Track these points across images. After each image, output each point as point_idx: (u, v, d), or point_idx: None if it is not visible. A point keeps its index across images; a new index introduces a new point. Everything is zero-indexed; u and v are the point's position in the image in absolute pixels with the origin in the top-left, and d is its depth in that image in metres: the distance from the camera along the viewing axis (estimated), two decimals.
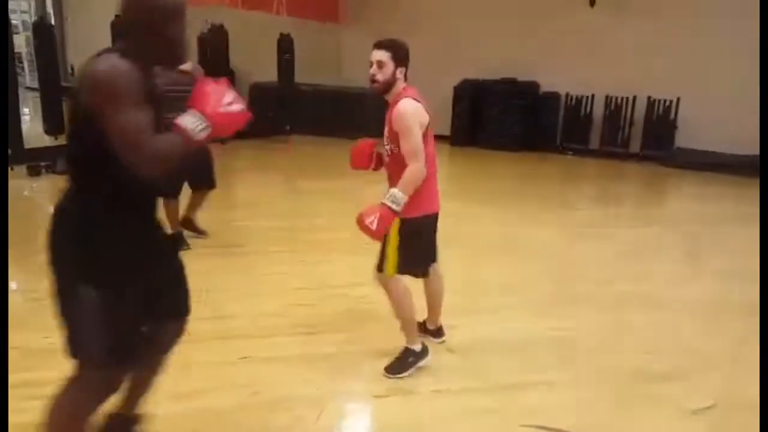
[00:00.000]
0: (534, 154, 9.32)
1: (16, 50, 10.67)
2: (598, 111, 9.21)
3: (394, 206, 2.35)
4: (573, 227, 5.51)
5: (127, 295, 1.66)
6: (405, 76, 2.51)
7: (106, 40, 8.60)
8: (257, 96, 10.62)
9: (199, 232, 4.54)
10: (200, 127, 1.57)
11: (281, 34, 9.04)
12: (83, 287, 1.60)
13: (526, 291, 3.82)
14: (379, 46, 2.48)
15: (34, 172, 6.74)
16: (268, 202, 6.18)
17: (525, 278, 4.06)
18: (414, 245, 2.54)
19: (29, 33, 10.90)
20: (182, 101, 1.97)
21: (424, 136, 2.46)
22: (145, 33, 1.60)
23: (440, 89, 9.90)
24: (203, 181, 4.31)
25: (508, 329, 3.25)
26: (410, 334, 2.70)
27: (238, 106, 1.64)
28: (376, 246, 2.56)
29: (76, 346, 1.67)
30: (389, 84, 2.48)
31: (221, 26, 8.36)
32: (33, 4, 16.00)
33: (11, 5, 15.96)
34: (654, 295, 3.79)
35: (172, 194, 4.16)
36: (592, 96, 9.17)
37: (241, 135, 2.04)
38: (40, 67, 7.37)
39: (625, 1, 8.82)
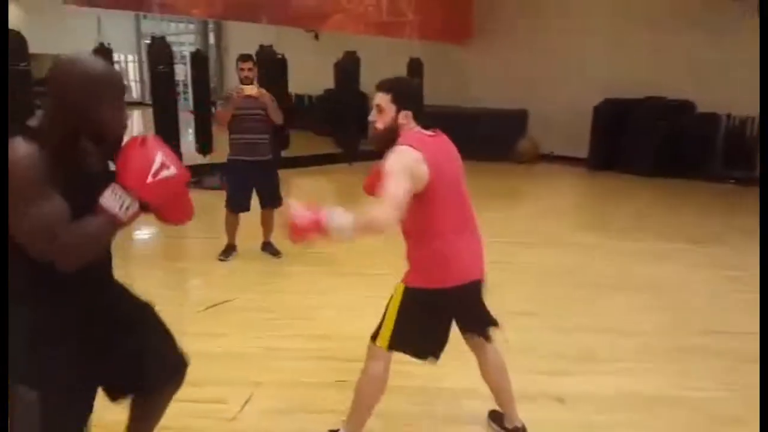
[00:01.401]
0: (686, 183, 8.34)
1: (179, 78, 12.21)
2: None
3: (329, 223, 1.81)
4: (720, 268, 4.77)
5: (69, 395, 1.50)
6: (416, 118, 2.04)
7: None
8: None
9: (275, 254, 4.64)
10: (126, 203, 1.41)
11: (411, 58, 9.17)
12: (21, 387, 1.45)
13: (641, 336, 3.37)
14: (378, 87, 2.06)
15: None
16: None
17: (641, 324, 3.57)
18: (416, 321, 2.06)
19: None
20: (250, 122, 3.02)
21: (429, 191, 1.94)
22: (71, 112, 1.39)
23: (578, 110, 9.35)
24: (270, 199, 4.47)
25: (626, 383, 2.84)
26: (351, 423, 2.20)
27: (169, 171, 1.45)
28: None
29: None
30: (391, 131, 2.01)
31: (354, 53, 8.68)
32: (197, 37, 18.06)
33: (179, 38, 18.18)
34: None
35: (236, 209, 4.47)
36: (759, 117, 8.03)
37: (367, 156, 2.17)
38: (195, 93, 8.21)
39: None
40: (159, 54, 7.26)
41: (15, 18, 6.26)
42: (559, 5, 9.84)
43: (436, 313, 2.10)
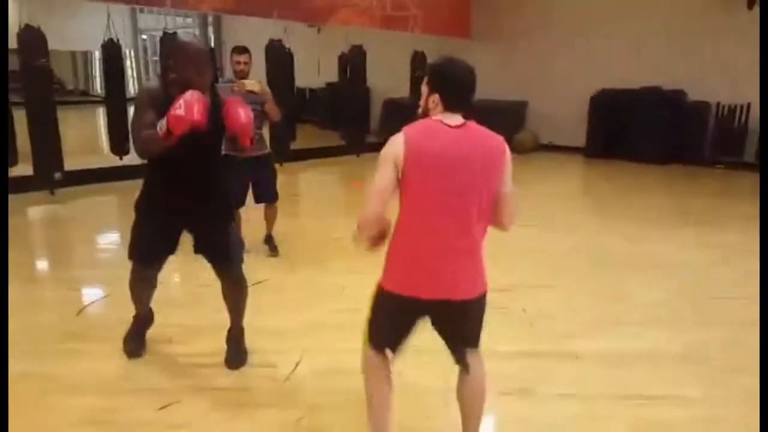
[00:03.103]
0: (677, 167, 8.74)
1: None
2: (754, 122, 8.41)
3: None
4: (713, 246, 5.14)
5: (149, 215, 2.63)
6: (447, 103, 1.84)
7: (255, 63, 9.60)
8: (390, 110, 11.14)
9: (272, 250, 4.64)
10: (162, 126, 2.27)
11: (415, 52, 9.44)
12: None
13: (659, 306, 3.70)
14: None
15: None
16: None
17: (660, 294, 3.92)
18: (378, 316, 1.99)
19: None
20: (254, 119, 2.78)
21: (403, 180, 1.79)
22: (170, 71, 2.44)
23: (576, 100, 9.69)
24: (266, 194, 4.46)
25: (639, 343, 3.19)
26: (369, 422, 2.07)
27: (180, 111, 2.22)
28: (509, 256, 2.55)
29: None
30: (426, 115, 1.88)
31: (360, 46, 8.94)
32: (195, 32, 18.19)
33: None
34: None
35: (234, 204, 4.31)
36: (748, 105, 8.40)
37: (374, 148, 2.38)
38: None
39: None
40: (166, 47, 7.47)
41: (33, 15, 6.45)
42: (556, 0, 10.14)
43: (391, 314, 1.95)
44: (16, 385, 2.65)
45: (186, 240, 2.74)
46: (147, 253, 2.69)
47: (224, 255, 2.71)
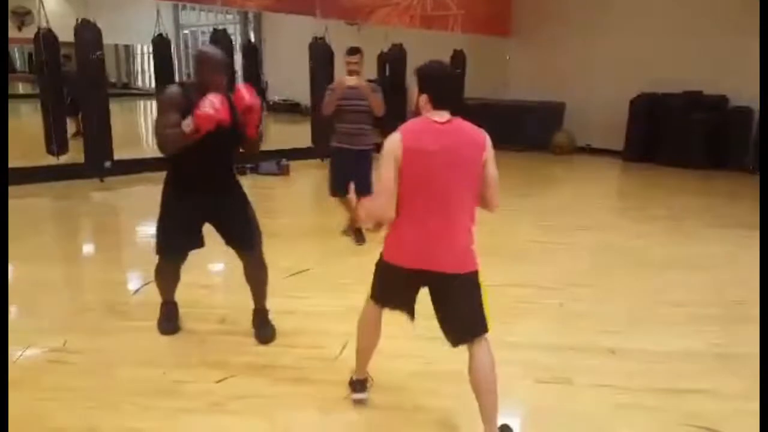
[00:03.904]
0: (720, 173, 8.61)
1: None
2: None
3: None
4: (748, 248, 5.12)
5: (171, 210, 2.85)
6: (435, 102, 2.09)
7: (295, 60, 9.81)
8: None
9: (360, 240, 4.86)
10: (189, 123, 2.51)
11: (454, 50, 9.50)
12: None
13: (692, 305, 3.75)
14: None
15: (239, 172, 7.97)
16: None
17: (692, 293, 3.97)
18: (376, 279, 2.31)
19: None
20: (352, 112, 3.76)
21: (400, 174, 2.07)
22: (193, 75, 2.79)
23: (615, 103, 9.62)
24: (361, 187, 4.64)
25: (673, 340, 3.25)
26: (356, 364, 2.50)
27: (207, 110, 2.47)
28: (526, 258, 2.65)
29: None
30: (418, 114, 2.13)
31: (400, 45, 9.06)
32: (236, 28, 18.56)
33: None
34: None
35: (335, 193, 4.74)
36: None
37: None
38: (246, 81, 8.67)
39: None
40: (221, 45, 7.73)
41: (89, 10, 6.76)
42: (597, 1, 10.07)
43: (390, 281, 2.26)
44: (90, 357, 2.87)
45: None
46: (170, 246, 2.92)
47: (249, 243, 2.95)
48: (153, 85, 22.10)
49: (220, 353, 2.94)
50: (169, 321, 3.15)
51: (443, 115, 2.08)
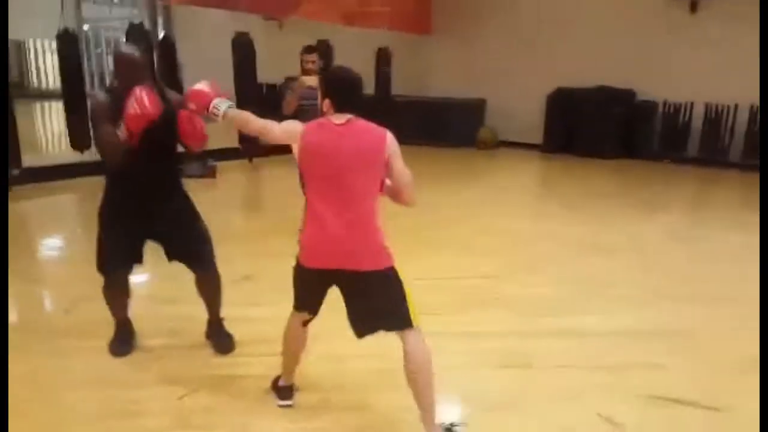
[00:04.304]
0: (630, 162, 9.27)
1: None
2: (698, 119, 9.03)
3: (216, 103, 2.36)
4: (668, 230, 5.58)
5: (109, 227, 2.67)
6: (337, 107, 2.15)
7: (213, 57, 9.43)
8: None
9: None
10: (121, 128, 2.40)
11: (379, 48, 9.54)
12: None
13: (627, 286, 4.00)
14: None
15: None
16: None
17: (624, 275, 4.23)
18: (297, 283, 2.31)
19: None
20: (310, 113, 3.19)
21: (300, 169, 2.29)
22: (114, 78, 2.63)
23: (533, 98, 10.08)
24: None
25: (616, 319, 3.45)
26: (283, 370, 2.50)
27: (134, 109, 2.35)
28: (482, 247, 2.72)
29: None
30: (323, 115, 2.20)
31: (327, 41, 8.94)
32: (147, 24, 17.59)
33: (123, 24, 17.63)
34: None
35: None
36: (692, 104, 9.01)
37: None
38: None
39: (728, 7, 8.63)
40: (137, 41, 7.29)
41: None
42: (513, 1, 10.48)
43: (304, 282, 2.26)
44: (27, 383, 2.61)
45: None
46: (111, 262, 2.72)
47: (198, 257, 2.79)
48: (52, 85, 20.67)
49: (177, 368, 2.77)
50: (123, 342, 2.91)
51: (342, 117, 2.13)
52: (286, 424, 2.38)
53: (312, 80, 4.33)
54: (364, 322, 2.22)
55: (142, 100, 2.36)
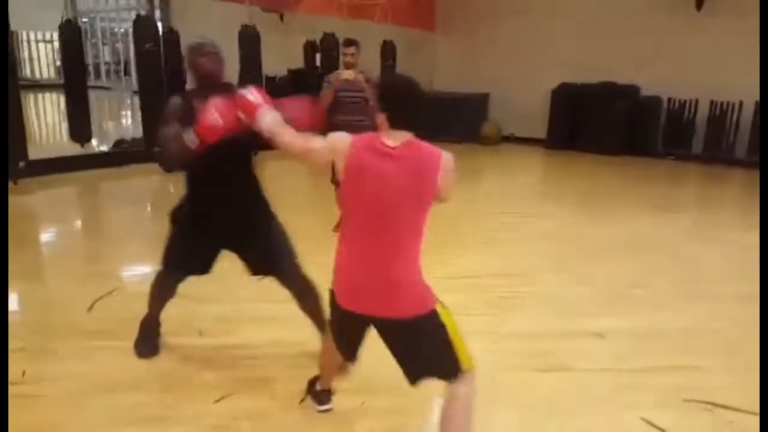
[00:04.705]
0: (633, 159, 9.26)
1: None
2: (702, 116, 9.04)
3: (261, 115, 2.06)
4: (684, 229, 5.58)
5: (186, 232, 2.53)
6: (392, 121, 1.85)
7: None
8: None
9: None
10: (193, 138, 2.19)
11: (384, 41, 9.45)
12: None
13: (652, 286, 3.98)
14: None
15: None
16: None
17: (649, 275, 4.21)
18: (330, 313, 2.06)
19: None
20: (348, 104, 3.47)
21: (342, 189, 1.89)
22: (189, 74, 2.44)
23: (537, 93, 10.04)
24: None
25: (645, 319, 3.43)
26: (321, 376, 2.40)
27: (215, 121, 2.13)
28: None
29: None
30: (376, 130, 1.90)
31: (333, 34, 8.85)
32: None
33: (119, 15, 17.37)
34: None
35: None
36: (696, 100, 9.01)
37: None
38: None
39: (733, 3, 8.62)
40: (145, 31, 7.17)
41: None
42: None
43: (338, 323, 2.03)
44: (51, 388, 2.54)
45: None
46: (175, 261, 2.59)
47: (281, 270, 2.56)
48: (45, 75, 20.35)
49: (209, 369, 2.71)
50: (148, 343, 2.82)
51: (397, 138, 1.81)
52: (334, 427, 2.33)
53: (349, 73, 4.41)
54: (412, 371, 1.94)
55: (222, 111, 2.15)
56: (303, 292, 2.59)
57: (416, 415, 2.45)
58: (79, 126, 7.15)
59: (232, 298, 3.40)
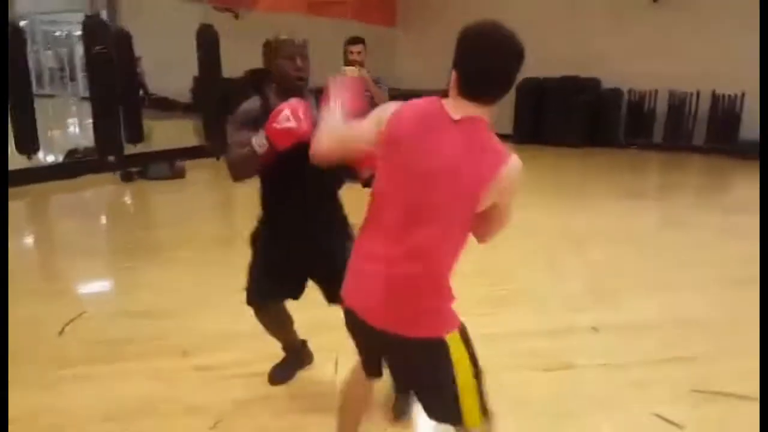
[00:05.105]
0: (597, 149, 9.43)
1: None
2: (662, 106, 9.28)
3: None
4: (650, 215, 5.67)
5: (263, 257, 2.28)
6: (462, 84, 1.46)
7: (168, 51, 8.94)
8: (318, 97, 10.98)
9: None
10: (261, 141, 1.96)
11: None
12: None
13: (636, 276, 3.98)
14: None
15: (125, 178, 7.12)
16: None
17: (630, 265, 4.22)
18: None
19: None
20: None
21: (381, 172, 1.49)
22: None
23: None
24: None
25: (634, 312, 3.41)
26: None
27: (290, 124, 1.91)
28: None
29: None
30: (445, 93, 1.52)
31: (305, 39, 8.63)
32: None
33: (61, 17, 16.57)
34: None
35: None
36: (656, 91, 9.23)
37: None
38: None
39: None
40: (96, 33, 6.79)
41: None
42: None
43: (351, 330, 1.62)
44: (26, 424, 2.31)
45: None
46: (257, 292, 2.33)
47: None
48: None
49: (196, 393, 2.52)
50: (284, 368, 2.62)
51: (465, 110, 1.39)
52: None
53: (353, 71, 4.12)
54: (433, 410, 1.59)
55: (298, 114, 1.92)
56: None
57: None
58: (26, 137, 6.72)
59: (217, 311, 3.20)
